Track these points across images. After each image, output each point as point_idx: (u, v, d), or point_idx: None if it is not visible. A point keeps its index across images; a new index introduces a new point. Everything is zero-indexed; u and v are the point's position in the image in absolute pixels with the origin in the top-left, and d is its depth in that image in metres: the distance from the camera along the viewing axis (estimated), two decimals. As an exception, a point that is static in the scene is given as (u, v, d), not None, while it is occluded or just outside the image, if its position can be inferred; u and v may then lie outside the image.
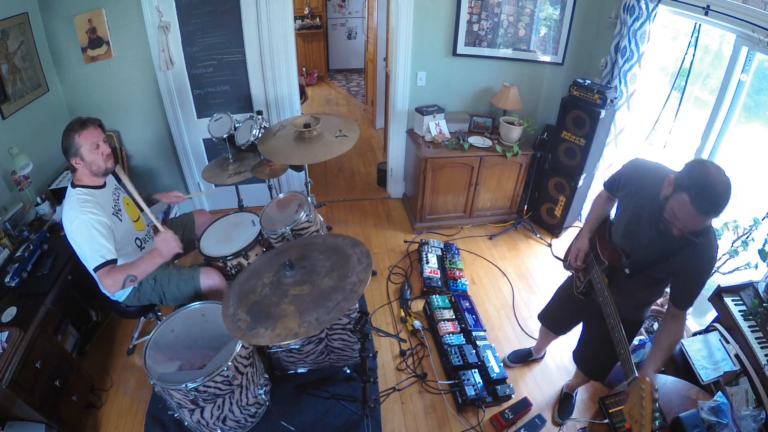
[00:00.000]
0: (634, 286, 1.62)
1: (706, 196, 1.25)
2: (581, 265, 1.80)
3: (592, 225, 1.80)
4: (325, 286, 1.59)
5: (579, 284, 1.83)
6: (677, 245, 1.41)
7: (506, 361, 2.51)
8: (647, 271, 1.53)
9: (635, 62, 2.74)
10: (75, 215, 1.74)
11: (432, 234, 3.57)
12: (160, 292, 2.09)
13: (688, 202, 1.26)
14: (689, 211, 1.28)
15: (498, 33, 3.23)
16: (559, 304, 2.09)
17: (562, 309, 2.09)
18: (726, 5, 2.15)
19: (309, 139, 2.39)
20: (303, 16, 6.75)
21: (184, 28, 2.92)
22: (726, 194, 1.25)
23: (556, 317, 2.14)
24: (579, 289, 1.83)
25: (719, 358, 1.92)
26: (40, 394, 1.81)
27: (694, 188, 1.26)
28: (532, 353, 2.52)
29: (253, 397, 1.99)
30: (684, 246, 1.39)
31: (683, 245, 1.39)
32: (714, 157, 2.50)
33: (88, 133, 1.76)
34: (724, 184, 1.25)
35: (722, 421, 1.59)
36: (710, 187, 1.25)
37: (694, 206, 1.26)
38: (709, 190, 1.25)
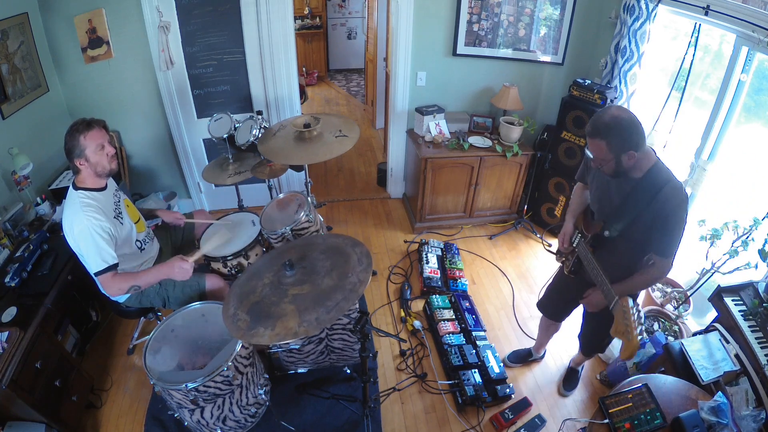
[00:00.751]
0: (618, 252, 1.69)
1: (589, 123, 1.52)
2: (569, 247, 1.89)
3: (573, 211, 1.93)
4: (325, 286, 1.59)
5: (569, 264, 1.91)
6: (643, 198, 1.54)
7: (506, 361, 2.52)
8: (625, 231, 1.62)
9: (635, 62, 2.74)
10: (77, 220, 1.74)
11: (432, 234, 3.57)
12: (164, 296, 2.09)
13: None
14: (586, 144, 1.56)
15: (498, 33, 3.23)
16: (555, 289, 2.16)
17: (557, 294, 2.15)
18: (726, 5, 2.15)
19: (309, 139, 2.39)
20: (303, 16, 6.75)
21: (184, 28, 2.92)
22: (604, 117, 1.48)
23: (553, 303, 2.20)
24: (569, 268, 1.91)
25: (719, 358, 1.92)
26: (40, 394, 1.81)
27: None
28: (532, 353, 2.53)
29: (253, 397, 1.99)
30: (650, 199, 1.52)
31: (649, 198, 1.52)
32: (714, 157, 2.50)
33: (94, 134, 1.76)
34: (609, 111, 1.49)
35: (722, 421, 1.59)
36: (595, 114, 1.52)
37: (586, 138, 1.55)
38: (592, 119, 1.52)
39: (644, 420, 1.62)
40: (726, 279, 2.22)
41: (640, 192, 1.55)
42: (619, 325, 1.48)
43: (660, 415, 1.62)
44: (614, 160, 1.50)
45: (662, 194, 1.50)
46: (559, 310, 2.19)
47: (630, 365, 2.25)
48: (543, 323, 2.37)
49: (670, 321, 2.52)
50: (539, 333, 2.45)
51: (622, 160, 1.50)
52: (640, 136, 1.47)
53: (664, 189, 1.50)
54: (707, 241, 2.26)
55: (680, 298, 2.58)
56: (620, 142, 1.46)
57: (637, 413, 1.64)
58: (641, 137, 1.48)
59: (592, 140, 1.52)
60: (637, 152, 1.48)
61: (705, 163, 2.51)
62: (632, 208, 1.57)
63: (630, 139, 1.46)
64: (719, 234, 2.22)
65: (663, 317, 2.57)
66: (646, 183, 1.54)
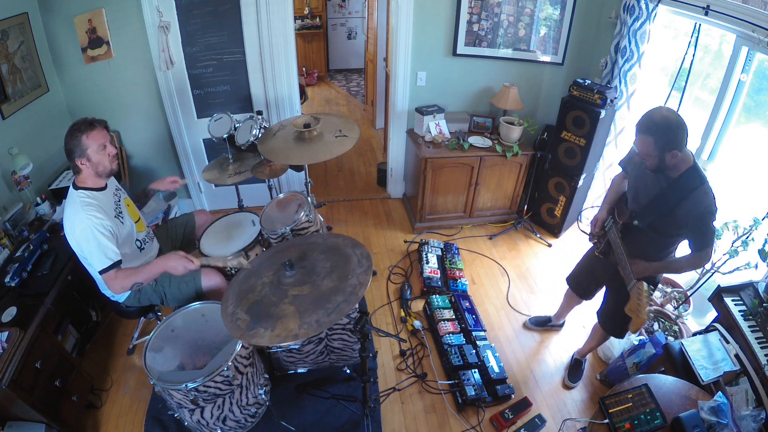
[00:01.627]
0: (643, 243, 1.83)
1: (640, 120, 1.63)
2: (600, 231, 2.03)
3: (610, 199, 2.04)
4: (325, 287, 1.59)
5: (599, 246, 2.06)
6: (675, 196, 1.66)
7: (527, 324, 2.74)
8: (653, 224, 1.74)
9: (635, 62, 2.74)
10: (78, 219, 1.74)
11: (432, 234, 3.57)
12: (161, 293, 2.09)
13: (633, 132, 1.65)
14: (635, 139, 1.66)
15: (498, 33, 3.23)
16: (585, 267, 2.29)
17: (586, 272, 2.28)
18: (726, 5, 2.15)
19: (309, 139, 2.39)
20: (303, 16, 6.75)
21: (184, 28, 2.92)
22: (655, 116, 1.60)
23: (582, 280, 2.32)
24: (599, 249, 2.06)
25: (719, 358, 1.92)
26: (40, 394, 1.80)
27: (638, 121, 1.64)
28: (551, 320, 2.70)
29: (253, 397, 1.99)
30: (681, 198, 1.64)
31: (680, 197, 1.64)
32: (714, 157, 2.50)
33: (96, 133, 1.76)
34: (660, 111, 1.61)
35: (722, 421, 1.60)
36: (647, 112, 1.63)
37: (635, 132, 1.65)
38: (643, 117, 1.63)
39: (644, 420, 1.62)
40: (726, 279, 2.22)
41: (674, 190, 1.66)
42: (632, 304, 1.66)
43: (660, 415, 1.63)
44: (658, 156, 1.61)
45: (693, 196, 1.62)
46: (585, 288, 2.32)
47: (630, 365, 2.25)
48: (567, 294, 2.50)
49: (670, 321, 2.52)
50: (562, 302, 2.59)
51: (666, 157, 1.61)
52: (684, 138, 1.59)
53: (696, 191, 1.61)
54: (707, 241, 2.26)
55: (680, 298, 2.58)
56: (666, 141, 1.57)
57: (637, 413, 1.64)
58: (685, 139, 1.60)
59: (641, 135, 1.63)
60: (680, 152, 1.60)
61: (705, 163, 2.51)
62: (663, 203, 1.70)
63: (675, 140, 1.57)
64: (719, 234, 2.22)
65: (663, 317, 2.57)
66: (681, 183, 1.65)
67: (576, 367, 2.45)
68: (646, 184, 1.79)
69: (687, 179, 1.64)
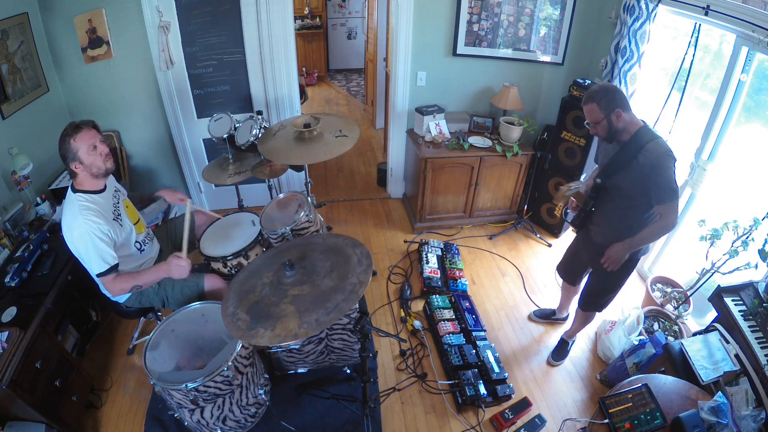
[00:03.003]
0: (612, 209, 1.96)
1: (584, 95, 1.83)
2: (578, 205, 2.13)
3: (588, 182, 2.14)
4: (325, 287, 1.59)
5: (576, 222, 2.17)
6: (629, 152, 1.80)
7: (532, 316, 2.83)
8: (616, 183, 1.88)
9: (635, 62, 2.74)
10: (76, 224, 1.73)
11: (432, 234, 3.57)
12: (163, 296, 2.09)
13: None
14: (584, 114, 1.85)
15: (498, 33, 3.23)
16: (570, 254, 2.44)
17: (572, 258, 2.42)
18: (726, 5, 2.15)
19: (309, 139, 2.39)
20: (303, 16, 6.75)
21: (184, 28, 2.92)
22: (593, 87, 1.80)
23: (568, 266, 2.47)
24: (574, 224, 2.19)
25: (719, 358, 1.92)
26: (40, 394, 1.80)
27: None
28: (555, 312, 2.78)
29: (253, 397, 1.99)
30: (635, 153, 1.77)
31: (634, 152, 1.77)
32: (714, 157, 2.50)
33: (83, 135, 1.74)
34: (596, 84, 1.81)
35: (722, 421, 1.60)
36: (587, 89, 1.83)
37: (582, 107, 1.85)
38: (586, 91, 1.82)
39: (644, 420, 1.62)
40: (726, 279, 2.22)
41: (627, 149, 1.81)
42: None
43: (660, 415, 1.63)
44: (605, 119, 1.78)
45: (646, 149, 1.75)
46: (573, 273, 2.45)
47: (630, 365, 2.25)
48: (563, 286, 2.65)
49: (670, 321, 2.52)
50: (561, 295, 2.72)
51: (612, 119, 1.77)
52: (623, 97, 1.77)
53: (647, 145, 1.75)
54: (707, 241, 2.26)
55: (680, 298, 2.58)
56: (607, 102, 1.75)
57: (637, 413, 1.64)
58: (624, 99, 1.78)
59: (586, 106, 1.81)
60: (624, 112, 1.76)
61: (705, 163, 2.51)
62: (619, 161, 1.84)
63: (615, 99, 1.75)
64: (719, 234, 2.22)
65: (663, 317, 2.57)
66: (634, 140, 1.80)
67: (562, 347, 2.56)
68: (606, 152, 1.96)
69: (637, 137, 1.78)
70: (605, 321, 2.63)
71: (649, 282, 2.76)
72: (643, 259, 3.11)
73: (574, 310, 2.50)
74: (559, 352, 2.54)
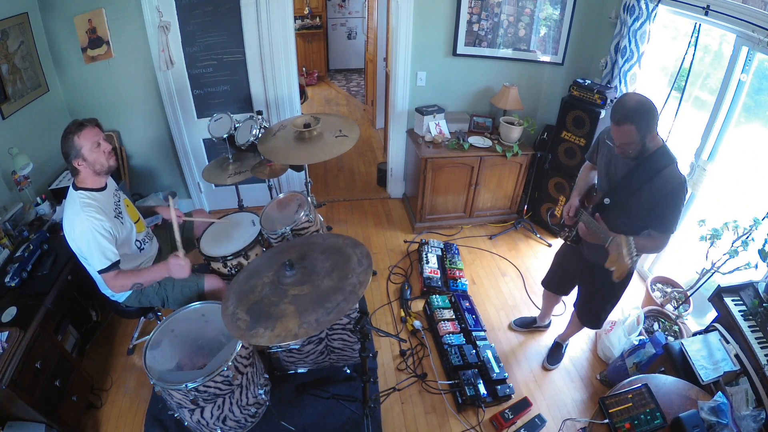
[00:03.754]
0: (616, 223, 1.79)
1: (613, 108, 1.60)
2: (573, 217, 1.99)
3: (580, 188, 2.05)
4: (325, 287, 1.59)
5: (570, 235, 2.06)
6: (644, 174, 1.67)
7: (512, 326, 2.76)
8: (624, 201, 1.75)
9: (635, 62, 2.74)
10: (78, 220, 1.74)
11: (432, 234, 3.57)
12: (163, 296, 2.09)
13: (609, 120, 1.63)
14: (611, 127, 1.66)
15: (498, 33, 3.23)
16: (557, 267, 2.35)
17: (559, 270, 2.34)
18: (726, 5, 2.15)
19: (309, 139, 2.39)
20: (303, 16, 6.75)
21: (184, 28, 2.92)
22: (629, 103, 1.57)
23: (556, 279, 2.38)
24: (570, 238, 2.06)
25: (719, 358, 1.92)
26: (40, 394, 1.80)
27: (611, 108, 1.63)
28: (536, 321, 2.73)
29: (253, 397, 1.99)
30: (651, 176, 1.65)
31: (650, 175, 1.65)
32: (714, 157, 2.50)
33: (87, 132, 1.75)
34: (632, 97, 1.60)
35: (722, 421, 1.60)
36: (618, 102, 1.60)
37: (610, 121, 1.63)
38: (616, 104, 1.60)
39: (644, 420, 1.62)
40: (726, 279, 2.22)
41: (645, 168, 1.67)
42: (613, 255, 1.61)
43: (660, 415, 1.63)
44: (641, 142, 1.60)
45: (663, 174, 1.62)
46: (561, 284, 2.38)
47: (630, 365, 2.25)
48: (545, 295, 2.58)
49: (670, 321, 2.52)
50: (543, 304, 2.66)
51: (647, 141, 1.61)
52: (658, 117, 1.61)
53: (665, 170, 1.62)
54: (707, 241, 2.26)
55: (680, 298, 2.58)
56: (647, 124, 1.56)
57: (637, 413, 1.64)
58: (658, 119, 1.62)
59: (621, 126, 1.59)
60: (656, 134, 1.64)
61: (705, 163, 2.51)
62: (635, 180, 1.70)
63: (654, 121, 1.58)
64: (719, 234, 2.22)
65: (663, 317, 2.57)
66: (652, 161, 1.65)
67: (556, 350, 2.53)
68: (617, 165, 1.80)
69: (656, 158, 1.65)
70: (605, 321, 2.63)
71: (649, 282, 2.76)
72: (644, 259, 3.11)
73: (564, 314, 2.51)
74: (553, 355, 2.52)
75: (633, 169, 1.71)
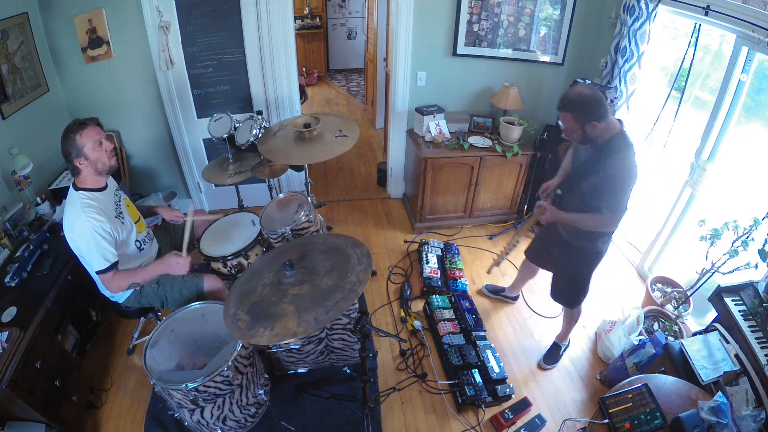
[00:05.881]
0: (569, 204, 2.00)
1: (560, 99, 1.79)
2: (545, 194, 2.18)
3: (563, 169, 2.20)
4: (325, 286, 1.59)
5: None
6: (599, 160, 1.82)
7: (482, 290, 2.99)
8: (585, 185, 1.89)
9: (635, 62, 2.74)
10: (78, 221, 1.74)
11: (432, 234, 3.57)
12: (162, 296, 2.09)
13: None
14: (558, 116, 1.85)
15: (498, 33, 3.23)
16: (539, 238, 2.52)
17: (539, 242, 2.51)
18: (726, 5, 2.15)
19: (309, 139, 2.39)
20: (303, 16, 6.76)
21: (184, 28, 2.92)
22: (571, 93, 1.77)
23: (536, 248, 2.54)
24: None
25: (719, 358, 1.92)
26: (40, 394, 1.80)
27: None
28: (505, 290, 2.91)
29: (253, 397, 1.99)
30: (604, 161, 1.79)
31: (603, 161, 1.79)
32: (714, 157, 2.50)
33: (89, 131, 1.75)
34: (576, 88, 1.77)
35: (722, 421, 1.60)
36: (564, 94, 1.80)
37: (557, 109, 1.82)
38: (562, 96, 1.79)
39: (644, 420, 1.62)
40: (726, 279, 2.21)
41: (598, 155, 1.84)
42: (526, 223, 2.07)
43: (660, 415, 1.63)
44: (580, 129, 1.78)
45: (615, 158, 1.77)
46: (539, 256, 2.52)
47: (630, 365, 2.25)
48: (523, 263, 2.70)
49: (670, 321, 2.52)
50: (517, 276, 2.84)
51: (587, 129, 1.77)
52: (602, 109, 1.73)
53: (618, 155, 1.77)
54: (707, 241, 2.26)
55: (680, 298, 2.58)
56: (584, 114, 1.73)
57: (637, 413, 1.64)
58: (603, 110, 1.73)
59: (561, 113, 1.82)
60: (600, 123, 1.74)
61: (705, 163, 2.51)
62: (589, 167, 1.88)
63: (592, 112, 1.72)
64: (719, 234, 2.22)
65: (663, 317, 2.57)
66: (605, 148, 1.80)
67: (554, 351, 2.55)
68: (580, 152, 2.01)
69: (610, 145, 1.79)
70: (605, 321, 2.63)
71: (649, 282, 2.76)
72: (644, 259, 3.12)
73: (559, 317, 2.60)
74: (551, 355, 2.53)
75: (590, 155, 1.88)
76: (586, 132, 1.77)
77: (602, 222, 1.88)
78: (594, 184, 1.83)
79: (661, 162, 3.00)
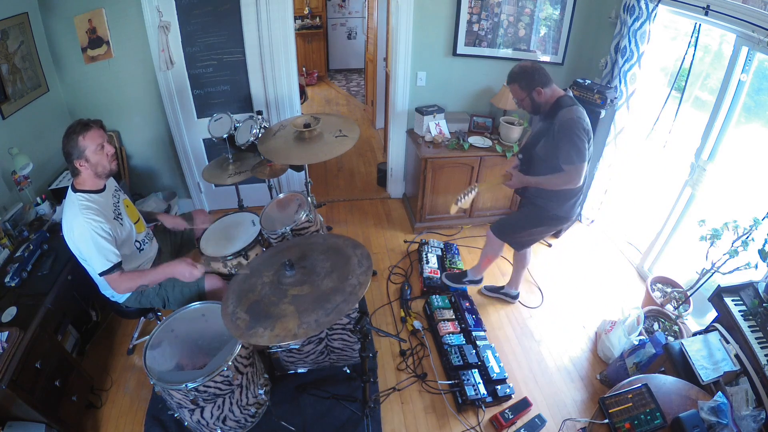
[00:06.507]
0: (530, 169, 2.20)
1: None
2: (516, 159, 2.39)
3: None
4: (325, 287, 1.59)
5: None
6: (546, 122, 2.05)
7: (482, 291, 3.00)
8: (539, 150, 2.10)
9: (635, 62, 2.74)
10: (77, 223, 1.74)
11: (432, 234, 3.57)
12: (164, 297, 2.09)
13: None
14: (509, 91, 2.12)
15: (498, 33, 3.23)
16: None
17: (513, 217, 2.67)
18: (726, 5, 2.15)
19: (309, 139, 2.39)
20: (303, 16, 6.76)
21: (184, 28, 2.92)
22: (514, 69, 2.04)
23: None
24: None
25: (719, 358, 1.92)
26: (40, 394, 1.80)
27: None
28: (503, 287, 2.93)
29: (253, 397, 1.99)
30: (551, 122, 2.00)
31: (550, 121, 2.00)
32: (714, 157, 2.50)
33: (92, 134, 1.75)
34: (518, 64, 2.05)
35: (722, 421, 1.59)
36: (510, 69, 2.07)
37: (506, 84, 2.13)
38: (510, 70, 2.07)
39: (644, 420, 1.62)
40: (726, 279, 2.21)
41: (547, 118, 2.04)
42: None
43: (660, 415, 1.63)
44: (528, 97, 2.02)
45: (559, 115, 1.96)
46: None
47: (630, 365, 2.25)
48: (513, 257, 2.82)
49: (670, 321, 2.52)
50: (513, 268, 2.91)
51: (533, 96, 2.01)
52: (543, 76, 1.98)
53: (561, 111, 1.96)
54: (707, 241, 2.26)
55: (680, 298, 2.58)
56: (527, 82, 1.99)
57: (637, 413, 1.64)
58: (545, 77, 1.99)
59: (509, 86, 2.07)
60: (544, 89, 1.98)
61: (705, 163, 2.51)
62: (542, 131, 2.08)
63: (534, 79, 1.98)
64: (719, 234, 2.22)
65: (663, 317, 2.57)
66: (553, 109, 2.02)
67: (461, 275, 2.87)
68: (535, 123, 2.23)
69: (558, 103, 1.99)
70: (605, 321, 2.63)
71: (649, 282, 2.76)
72: (644, 259, 3.11)
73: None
74: (456, 276, 2.85)
75: (542, 120, 2.10)
76: (533, 99, 2.01)
77: (564, 178, 2.03)
78: (548, 145, 2.02)
79: (661, 162, 3.00)
